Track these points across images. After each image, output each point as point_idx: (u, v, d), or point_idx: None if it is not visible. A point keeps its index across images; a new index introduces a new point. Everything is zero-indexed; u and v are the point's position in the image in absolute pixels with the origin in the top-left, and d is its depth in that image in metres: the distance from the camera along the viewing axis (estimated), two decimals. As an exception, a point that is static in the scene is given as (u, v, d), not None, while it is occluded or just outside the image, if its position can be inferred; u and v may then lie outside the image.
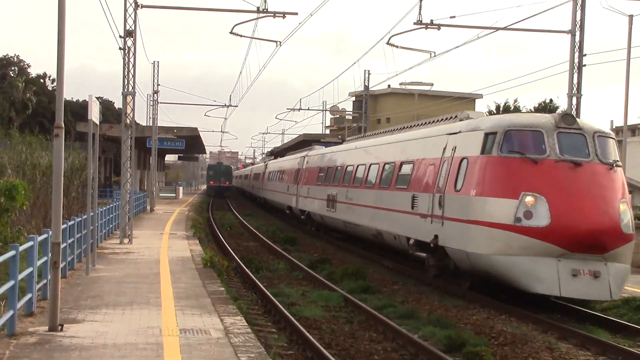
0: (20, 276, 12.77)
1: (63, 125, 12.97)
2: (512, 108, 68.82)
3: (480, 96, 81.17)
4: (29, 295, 13.75)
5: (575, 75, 28.13)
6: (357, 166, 31.93)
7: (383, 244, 28.63)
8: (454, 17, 29.63)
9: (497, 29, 30.00)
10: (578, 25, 28.12)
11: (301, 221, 45.11)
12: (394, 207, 25.61)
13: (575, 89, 27.86)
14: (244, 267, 24.38)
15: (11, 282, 12.04)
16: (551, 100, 69.59)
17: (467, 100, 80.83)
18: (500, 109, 69.03)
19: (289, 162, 53.90)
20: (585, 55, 28.19)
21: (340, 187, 33.53)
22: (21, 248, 13.01)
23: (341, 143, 41.76)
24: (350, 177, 32.28)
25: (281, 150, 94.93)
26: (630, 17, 28.19)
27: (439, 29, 29.85)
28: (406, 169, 25.31)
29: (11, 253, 12.27)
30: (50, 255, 13.53)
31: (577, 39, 28.16)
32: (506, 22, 30.54)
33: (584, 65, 28.24)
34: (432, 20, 29.57)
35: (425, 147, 24.21)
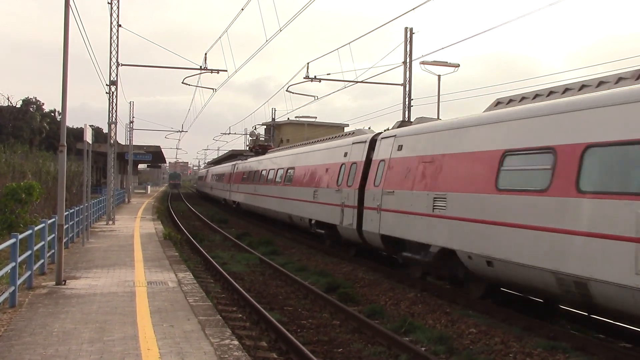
0: (35, 247, 12.49)
1: (65, 144, 12.75)
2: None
3: (347, 125, 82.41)
4: (41, 261, 13.56)
5: (406, 112, 28.83)
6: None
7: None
8: (329, 74, 30.13)
9: (357, 82, 30.43)
10: (407, 80, 28.82)
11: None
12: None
13: (406, 120, 28.57)
14: (192, 239, 24.08)
15: (29, 252, 11.75)
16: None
17: (339, 128, 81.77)
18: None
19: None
20: (412, 99, 28.93)
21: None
22: (36, 228, 12.80)
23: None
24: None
25: (217, 161, 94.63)
26: (439, 76, 29.07)
27: (319, 81, 30.21)
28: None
29: (29, 232, 12.01)
30: (56, 233, 13.27)
31: (407, 89, 28.89)
32: (364, 77, 30.84)
33: (412, 106, 29.00)
34: (315, 76, 29.89)
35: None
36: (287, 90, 34.00)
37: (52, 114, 78.00)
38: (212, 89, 35.13)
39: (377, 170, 17.02)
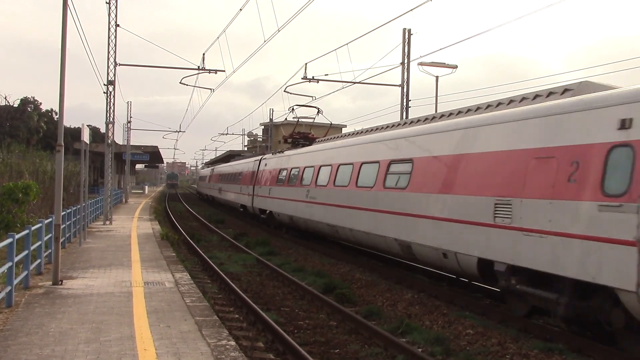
0: (32, 247, 12.47)
1: (63, 144, 12.69)
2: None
3: (345, 126, 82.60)
4: (38, 261, 13.51)
5: (404, 113, 28.83)
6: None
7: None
8: (327, 74, 30.09)
9: (355, 82, 30.40)
10: (405, 81, 28.81)
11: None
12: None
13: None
14: (189, 239, 24.07)
15: (25, 252, 11.74)
16: None
17: (336, 129, 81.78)
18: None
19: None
20: (410, 100, 28.92)
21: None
22: (33, 228, 12.76)
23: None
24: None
25: (222, 158, 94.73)
26: (437, 77, 29.07)
27: (317, 82, 30.13)
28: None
29: (26, 232, 12.00)
30: (53, 232, 13.24)
31: (405, 90, 28.89)
32: (362, 78, 30.78)
33: (410, 107, 29.00)
34: (313, 76, 29.82)
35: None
36: (284, 91, 33.97)
37: (50, 114, 77.96)
38: (210, 89, 35.07)
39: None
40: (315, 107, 30.51)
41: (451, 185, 12.81)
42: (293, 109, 31.02)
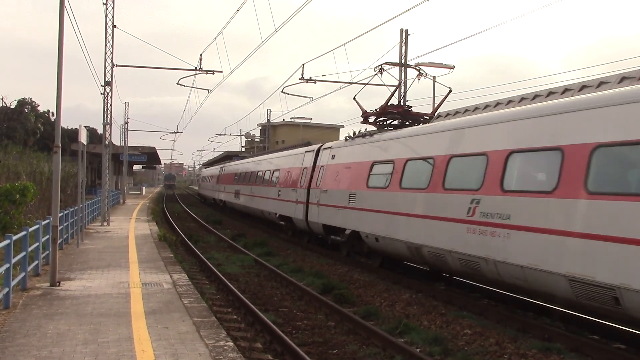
0: (30, 249, 12.47)
1: (60, 145, 12.66)
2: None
3: (342, 126, 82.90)
4: (36, 262, 13.51)
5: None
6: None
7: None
8: (325, 75, 30.09)
9: (352, 83, 30.40)
10: (402, 82, 28.82)
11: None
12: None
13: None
14: (187, 240, 24.04)
15: (23, 253, 11.72)
16: None
17: (334, 129, 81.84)
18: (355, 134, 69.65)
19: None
20: (407, 100, 28.82)
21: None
22: (31, 229, 12.72)
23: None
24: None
25: (212, 162, 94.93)
26: (434, 78, 29.08)
27: (315, 82, 30.14)
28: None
29: (23, 233, 11.99)
30: (50, 234, 13.21)
31: (402, 90, 28.88)
32: (359, 78, 30.81)
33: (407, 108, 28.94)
34: (310, 77, 29.84)
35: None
36: (282, 92, 33.97)
37: (47, 115, 77.84)
38: (208, 89, 35.23)
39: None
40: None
41: None
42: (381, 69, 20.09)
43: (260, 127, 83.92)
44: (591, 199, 9.04)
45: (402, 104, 28.43)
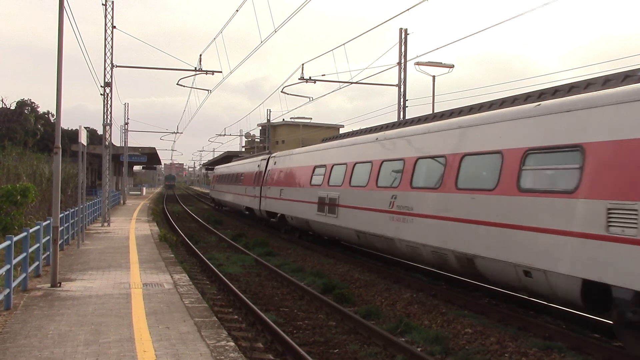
0: (30, 250, 12.46)
1: (60, 146, 12.67)
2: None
3: (342, 126, 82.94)
4: (36, 263, 13.48)
5: (402, 113, 28.83)
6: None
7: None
8: (324, 74, 30.09)
9: (352, 82, 30.41)
10: (402, 81, 28.81)
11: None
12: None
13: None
14: (187, 240, 24.06)
15: (23, 254, 11.72)
16: None
17: (334, 129, 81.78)
18: None
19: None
20: (407, 100, 28.93)
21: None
22: (31, 230, 12.70)
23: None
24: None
25: (212, 162, 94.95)
26: (433, 77, 29.10)
27: (315, 82, 30.14)
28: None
29: (24, 234, 11.98)
30: (51, 235, 13.22)
31: (402, 89, 28.89)
32: (359, 78, 30.79)
33: (407, 107, 28.99)
34: (310, 77, 29.83)
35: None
36: (282, 92, 33.98)
37: (47, 116, 77.83)
38: (207, 90, 35.20)
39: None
40: None
41: None
42: None
43: (260, 127, 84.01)
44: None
45: (402, 103, 28.48)
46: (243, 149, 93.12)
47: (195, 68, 30.11)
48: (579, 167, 9.17)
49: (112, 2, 28.62)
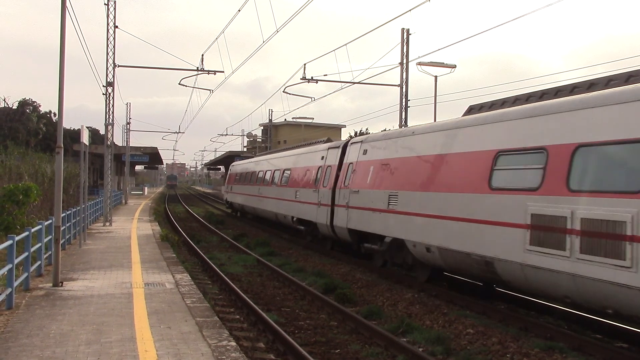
0: (32, 249, 12.46)
1: (62, 145, 12.68)
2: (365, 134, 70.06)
3: (344, 126, 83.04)
4: (38, 262, 13.50)
5: (403, 113, 28.82)
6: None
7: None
8: (326, 75, 30.09)
9: (354, 82, 30.40)
10: (404, 81, 28.79)
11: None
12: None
13: (403, 121, 28.49)
14: (189, 240, 24.08)
15: (26, 254, 11.73)
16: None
17: (336, 129, 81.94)
18: (357, 135, 69.96)
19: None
20: (409, 100, 28.91)
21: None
22: (33, 230, 12.73)
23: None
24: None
25: (214, 162, 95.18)
26: (435, 77, 29.07)
27: (316, 82, 30.12)
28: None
29: (26, 234, 12.00)
30: (53, 234, 13.24)
31: (404, 90, 28.88)
32: (361, 78, 30.78)
33: (409, 107, 28.98)
34: (312, 77, 29.83)
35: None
36: (283, 92, 33.98)
37: (49, 115, 77.88)
38: (209, 90, 35.11)
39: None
40: None
41: None
42: None
43: (262, 127, 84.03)
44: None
45: (404, 103, 28.45)
46: (245, 149, 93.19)
47: (197, 68, 30.10)
48: None
49: (115, 2, 28.62)
